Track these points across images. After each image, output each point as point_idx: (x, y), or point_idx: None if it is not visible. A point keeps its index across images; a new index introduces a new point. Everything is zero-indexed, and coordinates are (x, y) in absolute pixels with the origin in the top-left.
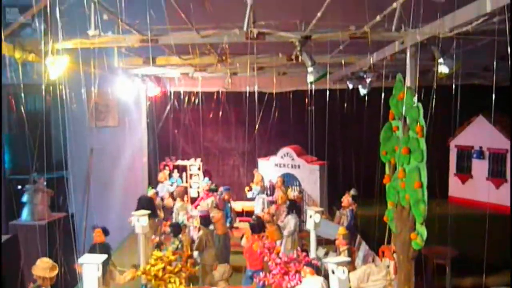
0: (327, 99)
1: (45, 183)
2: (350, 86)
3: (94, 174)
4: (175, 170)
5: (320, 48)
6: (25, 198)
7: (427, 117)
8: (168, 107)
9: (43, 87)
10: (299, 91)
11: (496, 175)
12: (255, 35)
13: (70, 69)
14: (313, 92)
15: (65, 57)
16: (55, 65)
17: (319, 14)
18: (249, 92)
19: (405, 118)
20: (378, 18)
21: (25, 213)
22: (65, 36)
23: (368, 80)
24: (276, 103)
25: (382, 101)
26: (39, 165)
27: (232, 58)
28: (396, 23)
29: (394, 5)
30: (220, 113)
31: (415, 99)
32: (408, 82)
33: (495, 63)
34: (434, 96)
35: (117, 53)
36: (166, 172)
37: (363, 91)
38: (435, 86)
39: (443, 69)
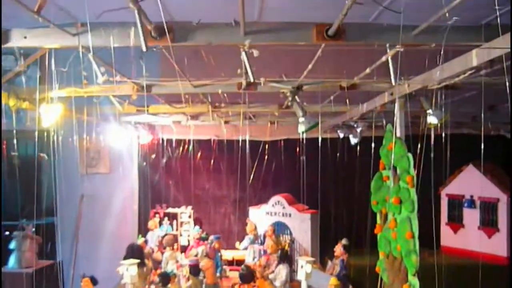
0: (318, 148)
1: (33, 230)
2: (341, 135)
3: (83, 221)
4: (166, 218)
5: (311, 99)
6: (12, 245)
7: (418, 166)
8: (160, 155)
9: (36, 133)
10: (291, 140)
11: (488, 224)
12: (247, 85)
13: (63, 116)
14: (304, 141)
15: (59, 106)
16: (49, 113)
17: (310, 66)
18: (241, 141)
19: (395, 168)
20: (368, 70)
21: (12, 261)
22: (60, 84)
23: (358, 130)
24: (268, 152)
25: (373, 150)
26: (28, 211)
27: (225, 107)
28: (386, 75)
29: (384, 58)
30: (212, 161)
31: (405, 149)
32: (397, 133)
33: (482, 114)
34: (424, 146)
35: (110, 101)
36: (157, 219)
37: (353, 140)
38: (424, 136)
39: (432, 119)
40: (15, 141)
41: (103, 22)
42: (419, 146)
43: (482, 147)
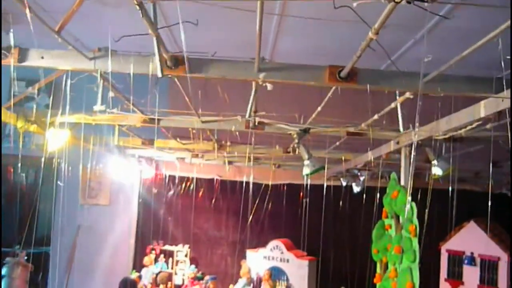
0: (321, 195)
1: (25, 258)
2: (344, 183)
3: (78, 252)
4: (162, 255)
5: (317, 143)
6: (3, 271)
7: (420, 219)
8: (161, 191)
9: (43, 159)
10: (293, 185)
11: (488, 283)
12: (255, 124)
13: (68, 143)
14: (308, 186)
15: (66, 131)
16: (56, 138)
17: (319, 108)
18: (244, 182)
19: (398, 217)
20: (376, 116)
21: (1, 287)
22: (69, 110)
23: (362, 178)
24: (270, 195)
25: (376, 199)
26: (23, 238)
27: (230, 147)
28: (393, 123)
29: (393, 105)
30: (213, 200)
31: (409, 198)
32: (402, 181)
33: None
34: (427, 199)
35: (117, 132)
36: (152, 256)
37: (356, 189)
38: (429, 188)
39: (436, 171)
40: (19, 165)
41: (120, 50)
42: (421, 198)
43: (489, 204)
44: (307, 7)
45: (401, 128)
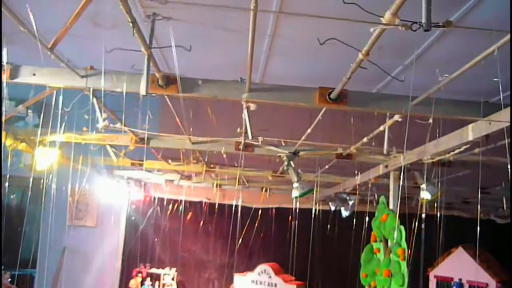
0: (310, 219)
1: (9, 279)
2: (332, 208)
3: (63, 274)
4: (148, 278)
5: (306, 167)
6: None
7: (408, 244)
8: (149, 213)
9: (31, 179)
10: (282, 209)
11: None
12: (245, 147)
13: (56, 163)
14: (296, 210)
15: (55, 150)
16: (44, 157)
17: (309, 130)
18: (232, 205)
19: (386, 241)
20: (365, 139)
21: None
22: (59, 129)
23: (350, 203)
24: (258, 219)
25: (365, 223)
26: (8, 260)
27: (220, 169)
28: (383, 146)
29: (382, 127)
30: (201, 223)
31: (398, 222)
32: (391, 205)
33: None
34: (416, 224)
35: (106, 152)
36: (139, 279)
37: (345, 213)
38: (418, 212)
39: (425, 195)
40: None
41: (112, 69)
42: (409, 222)
43: (478, 230)
44: (298, 32)
45: (384, 151)
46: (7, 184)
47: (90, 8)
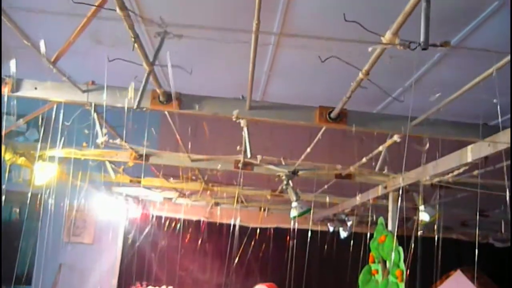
0: (308, 239)
1: None
2: (331, 229)
3: None
4: None
5: (304, 187)
6: None
7: (407, 266)
8: (147, 231)
9: (29, 194)
10: (280, 229)
11: None
12: (244, 165)
13: (55, 179)
14: (295, 230)
15: (54, 165)
16: (43, 172)
17: (308, 149)
18: (230, 225)
19: (385, 262)
20: (364, 159)
21: None
22: (58, 144)
23: (349, 224)
24: (256, 238)
25: (363, 244)
26: (4, 276)
27: (218, 187)
28: (380, 166)
29: (381, 148)
30: (199, 242)
31: (396, 243)
32: (389, 226)
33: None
34: (414, 246)
35: (105, 169)
36: None
37: (343, 234)
38: (417, 235)
39: (424, 216)
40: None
41: (114, 85)
42: (408, 244)
43: (476, 254)
44: (298, 53)
45: (376, 169)
46: (3, 198)
47: (92, 26)
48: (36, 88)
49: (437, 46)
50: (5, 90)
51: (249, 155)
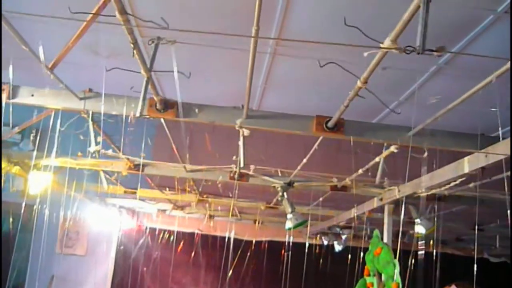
0: (302, 253)
1: None
2: (325, 242)
3: None
4: None
5: (299, 200)
6: None
7: (403, 281)
8: (140, 243)
9: (23, 204)
10: (274, 242)
11: None
12: (239, 176)
13: (49, 189)
14: (290, 243)
15: (49, 174)
16: (38, 181)
17: (305, 160)
18: (224, 237)
19: (380, 275)
20: (360, 171)
21: None
22: (54, 154)
23: (343, 237)
24: (250, 252)
25: (358, 257)
26: None
27: (213, 199)
28: (379, 177)
29: (377, 159)
30: (193, 255)
31: (392, 255)
32: (385, 239)
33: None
34: (410, 260)
35: (101, 179)
36: None
37: (338, 247)
38: (412, 249)
39: (419, 229)
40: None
41: (111, 93)
42: (403, 259)
43: (475, 268)
44: (293, 63)
45: (377, 180)
46: None
47: (87, 37)
48: (33, 95)
49: (433, 51)
50: (4, 97)
51: (242, 164)
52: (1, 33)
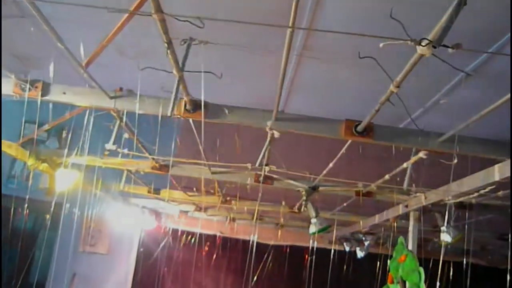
0: (324, 258)
1: None
2: (347, 249)
3: None
4: None
5: (324, 204)
6: None
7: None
8: (162, 243)
9: (53, 202)
10: (296, 247)
11: None
12: (264, 179)
13: (74, 187)
14: (314, 249)
15: (76, 172)
16: (65, 179)
17: (331, 165)
18: (245, 241)
19: (404, 282)
20: (387, 177)
21: None
22: (81, 152)
23: (366, 243)
24: (272, 256)
25: (382, 266)
26: (15, 284)
27: (236, 202)
28: (407, 183)
29: (405, 165)
30: (214, 257)
31: (417, 263)
32: (410, 246)
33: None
34: (433, 268)
35: (125, 178)
36: None
37: (360, 254)
38: (441, 257)
39: (445, 237)
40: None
41: (142, 93)
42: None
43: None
44: (318, 68)
45: (405, 185)
46: (26, 205)
47: (117, 39)
48: (64, 93)
49: (448, 47)
50: (38, 94)
51: (268, 169)
52: (1, 33)
